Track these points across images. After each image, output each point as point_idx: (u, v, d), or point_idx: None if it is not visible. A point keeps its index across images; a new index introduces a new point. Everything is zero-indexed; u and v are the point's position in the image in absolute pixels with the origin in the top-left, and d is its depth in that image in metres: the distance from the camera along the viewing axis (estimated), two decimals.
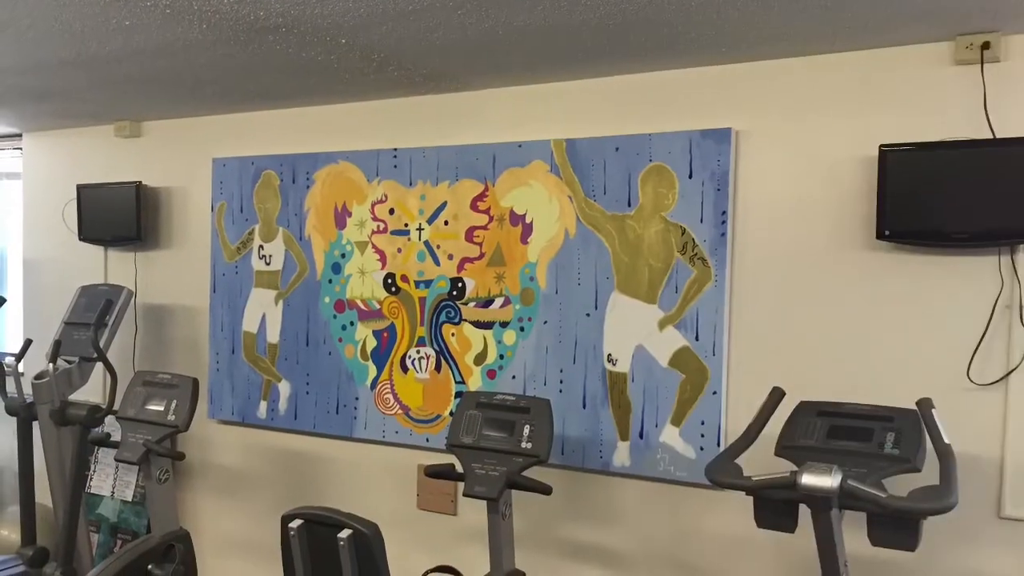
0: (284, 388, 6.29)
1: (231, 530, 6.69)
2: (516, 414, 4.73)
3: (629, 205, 4.99)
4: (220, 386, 6.58)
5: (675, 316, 4.88)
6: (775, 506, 3.93)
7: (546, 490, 4.53)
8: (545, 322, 5.28)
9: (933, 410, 3.77)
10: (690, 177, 4.82)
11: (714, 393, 4.80)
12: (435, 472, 4.85)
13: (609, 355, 5.09)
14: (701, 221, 4.79)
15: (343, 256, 6.01)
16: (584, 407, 5.17)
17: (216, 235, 6.56)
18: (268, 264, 6.33)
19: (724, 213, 4.74)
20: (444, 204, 5.61)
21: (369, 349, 5.91)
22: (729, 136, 4.73)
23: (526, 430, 4.67)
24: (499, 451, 4.67)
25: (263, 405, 6.39)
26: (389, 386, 5.82)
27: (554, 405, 5.17)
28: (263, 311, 6.37)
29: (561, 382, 5.24)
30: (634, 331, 5.02)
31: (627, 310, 5.03)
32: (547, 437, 4.63)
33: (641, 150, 4.96)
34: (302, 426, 6.22)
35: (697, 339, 4.83)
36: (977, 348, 4.23)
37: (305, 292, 6.18)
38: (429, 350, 5.68)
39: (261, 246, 6.36)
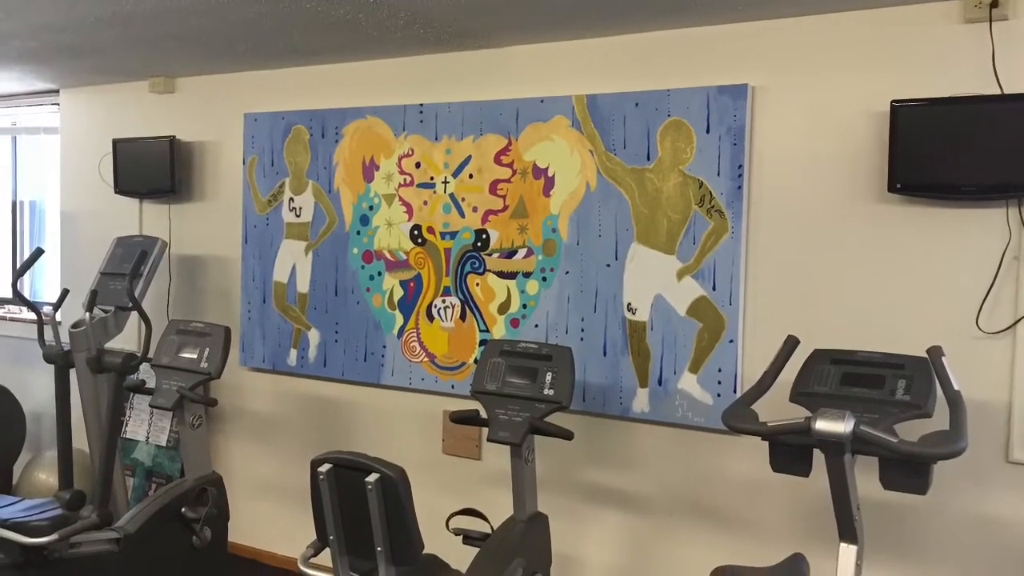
0: (314, 336, 6.43)
1: (262, 474, 6.85)
2: (539, 361, 4.83)
3: (648, 159, 5.09)
4: (251, 334, 6.73)
5: (693, 267, 4.99)
6: (790, 451, 4.00)
7: (568, 435, 4.64)
8: (567, 272, 5.40)
9: (943, 357, 3.83)
10: (707, 132, 4.92)
11: (731, 341, 4.91)
12: (460, 418, 4.97)
13: (629, 304, 5.20)
14: (718, 174, 4.90)
15: (371, 208, 6.12)
16: (605, 355, 5.29)
17: (248, 188, 6.68)
18: (298, 216, 6.45)
19: (740, 167, 4.84)
20: (469, 158, 5.72)
21: (396, 298, 6.03)
22: (745, 92, 4.81)
23: (548, 377, 4.77)
24: (522, 397, 4.77)
25: (293, 353, 6.55)
26: (415, 334, 5.94)
27: (575, 353, 5.28)
28: (293, 262, 6.51)
29: (582, 331, 5.36)
30: (653, 281, 5.13)
31: (646, 261, 5.14)
32: (569, 384, 4.73)
33: (660, 105, 5.06)
34: (331, 373, 6.35)
35: (714, 289, 4.94)
36: (986, 297, 4.32)
37: (334, 243, 6.29)
38: (454, 299, 5.80)
39: (291, 199, 6.48)
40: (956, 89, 4.32)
